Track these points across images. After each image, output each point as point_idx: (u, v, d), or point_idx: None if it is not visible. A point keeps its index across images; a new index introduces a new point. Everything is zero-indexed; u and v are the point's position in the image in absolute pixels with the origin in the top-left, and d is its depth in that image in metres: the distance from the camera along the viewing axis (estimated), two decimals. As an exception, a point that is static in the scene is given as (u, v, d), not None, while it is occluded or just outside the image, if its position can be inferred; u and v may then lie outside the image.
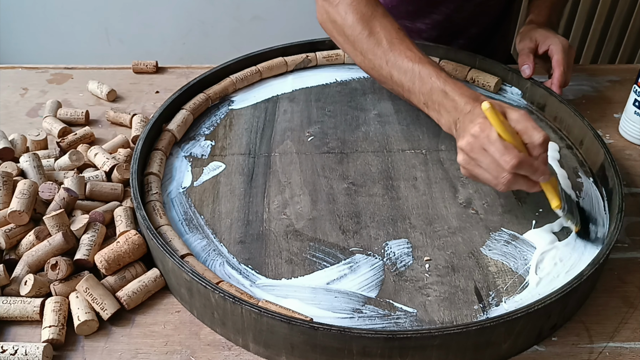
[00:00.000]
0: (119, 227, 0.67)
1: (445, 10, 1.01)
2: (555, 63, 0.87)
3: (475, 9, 1.03)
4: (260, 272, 0.64)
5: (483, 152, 0.63)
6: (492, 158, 0.63)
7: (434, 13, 1.02)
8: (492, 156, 0.62)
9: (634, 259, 0.69)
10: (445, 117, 0.70)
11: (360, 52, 0.78)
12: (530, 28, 0.93)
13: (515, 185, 0.63)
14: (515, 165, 0.61)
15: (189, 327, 0.61)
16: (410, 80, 0.73)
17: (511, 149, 0.61)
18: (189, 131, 0.83)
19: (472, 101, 0.67)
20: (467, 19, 1.03)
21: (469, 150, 0.64)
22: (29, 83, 0.97)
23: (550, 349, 0.60)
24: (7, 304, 0.60)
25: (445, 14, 1.02)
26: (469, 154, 0.65)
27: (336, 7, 0.78)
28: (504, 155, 0.61)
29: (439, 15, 1.02)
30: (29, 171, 0.72)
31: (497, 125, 0.62)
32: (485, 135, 0.62)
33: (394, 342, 0.54)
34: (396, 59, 0.74)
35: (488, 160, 0.63)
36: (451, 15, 1.02)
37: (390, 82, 0.76)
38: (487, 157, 0.63)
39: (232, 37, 1.97)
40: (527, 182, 0.64)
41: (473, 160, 0.65)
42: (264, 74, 0.93)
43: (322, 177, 0.76)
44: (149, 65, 1.00)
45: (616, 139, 0.89)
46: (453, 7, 1.01)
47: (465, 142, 0.65)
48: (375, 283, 0.63)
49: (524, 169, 0.62)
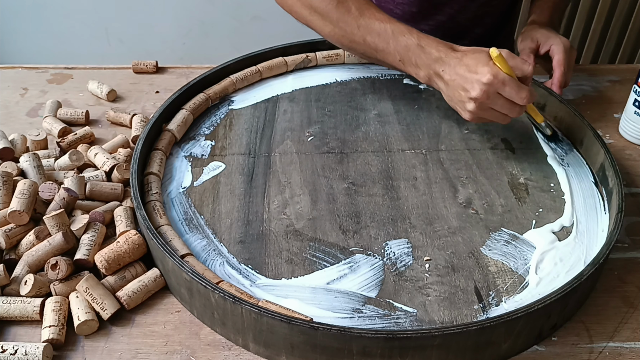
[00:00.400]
0: (119, 227, 0.67)
1: (449, 11, 1.01)
2: (556, 63, 0.87)
3: (478, 10, 1.02)
4: (260, 272, 0.64)
5: (497, 95, 0.70)
6: (505, 99, 0.70)
7: (437, 14, 1.02)
8: (508, 96, 0.70)
9: (634, 259, 0.69)
10: (423, 71, 0.75)
11: (329, 21, 0.81)
12: (532, 28, 0.93)
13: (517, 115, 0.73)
14: (529, 98, 0.70)
15: (189, 327, 0.61)
16: (384, 41, 0.77)
17: (522, 86, 0.70)
18: (189, 131, 0.83)
19: (450, 51, 0.73)
20: (470, 19, 1.03)
21: (485, 98, 0.70)
22: (29, 83, 0.97)
23: (550, 349, 0.60)
24: (7, 304, 0.60)
25: (449, 14, 1.02)
26: (484, 101, 0.70)
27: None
28: (520, 93, 0.69)
29: (442, 17, 1.02)
30: (29, 171, 0.72)
31: (507, 68, 0.70)
32: (500, 79, 0.69)
33: (394, 342, 0.54)
34: (367, 23, 0.78)
35: (502, 101, 0.70)
36: (455, 16, 1.02)
37: (363, 46, 0.80)
38: (501, 99, 0.70)
39: (232, 37, 1.97)
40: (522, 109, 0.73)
41: (487, 104, 0.71)
42: (264, 74, 0.93)
43: (322, 177, 0.76)
44: (149, 65, 1.00)
45: (616, 139, 0.89)
46: (457, 8, 1.01)
47: (479, 91, 0.70)
48: (375, 283, 0.63)
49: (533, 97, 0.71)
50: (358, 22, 0.78)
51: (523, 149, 0.81)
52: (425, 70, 0.75)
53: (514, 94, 0.70)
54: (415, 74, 0.77)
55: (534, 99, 0.72)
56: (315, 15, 0.82)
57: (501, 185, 0.75)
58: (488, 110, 0.72)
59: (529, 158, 0.80)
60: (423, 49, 0.74)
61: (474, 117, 0.73)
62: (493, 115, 0.73)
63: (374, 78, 0.94)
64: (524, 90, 0.70)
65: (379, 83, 0.93)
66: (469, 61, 0.71)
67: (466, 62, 0.71)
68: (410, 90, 0.92)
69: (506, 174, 0.77)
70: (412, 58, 0.75)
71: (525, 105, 0.71)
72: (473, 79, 0.70)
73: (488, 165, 0.78)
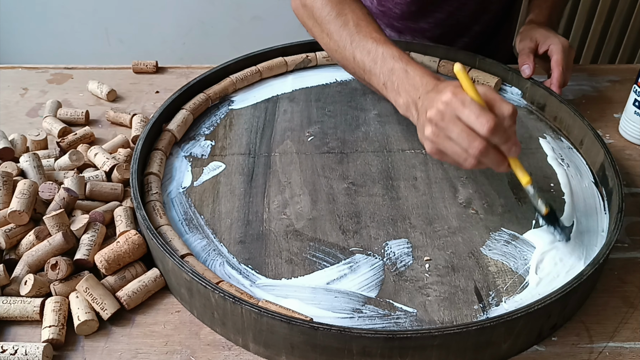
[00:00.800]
0: (119, 227, 0.67)
1: (448, 9, 1.01)
2: (554, 63, 0.87)
3: (477, 7, 1.03)
4: (260, 272, 0.64)
5: (455, 120, 0.59)
6: (464, 126, 0.59)
7: (436, 12, 1.02)
8: (466, 121, 0.58)
9: (634, 259, 0.69)
10: (403, 97, 0.68)
11: (326, 33, 0.78)
12: (531, 28, 0.93)
13: (485, 158, 0.59)
14: (492, 127, 0.57)
15: (189, 327, 0.61)
16: (372, 61, 0.72)
17: (487, 111, 0.58)
18: (189, 131, 0.83)
19: (434, 80, 0.66)
20: (469, 17, 1.03)
21: (439, 120, 0.60)
22: (29, 83, 0.97)
23: (550, 349, 0.60)
24: (7, 304, 0.60)
25: (448, 12, 1.02)
26: (438, 123, 0.60)
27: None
28: (480, 117, 0.57)
29: (441, 14, 1.02)
30: (29, 171, 0.72)
31: (471, 88, 0.60)
32: (459, 99, 0.59)
33: (394, 342, 0.54)
34: (361, 40, 0.74)
35: (459, 128, 0.59)
36: (454, 14, 1.02)
37: (352, 64, 0.76)
38: (459, 126, 0.59)
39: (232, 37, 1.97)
40: (497, 156, 0.60)
41: (443, 130, 0.61)
42: (264, 74, 0.93)
43: (322, 177, 0.76)
44: (149, 65, 1.00)
45: (616, 139, 0.89)
46: (455, 6, 1.01)
47: (435, 110, 0.61)
48: (375, 283, 0.63)
49: (498, 135, 0.58)
50: (352, 37, 0.75)
51: (523, 149, 0.81)
52: (404, 97, 0.68)
53: (473, 118, 0.58)
54: (395, 101, 0.70)
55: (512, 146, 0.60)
56: (316, 26, 0.81)
57: (501, 185, 0.75)
58: (446, 139, 0.61)
59: (529, 158, 0.80)
60: (407, 74, 0.68)
61: (433, 147, 0.63)
62: (452, 149, 0.61)
63: (374, 78, 0.94)
64: (486, 115, 0.57)
65: (379, 83, 0.93)
66: (442, 86, 0.63)
67: (440, 87, 0.63)
68: (410, 90, 0.92)
69: (506, 174, 0.77)
70: (395, 82, 0.70)
71: (486, 134, 0.58)
72: (434, 98, 0.62)
73: (488, 165, 0.78)
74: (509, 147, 0.60)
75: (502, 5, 1.07)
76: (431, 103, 0.62)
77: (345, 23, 0.76)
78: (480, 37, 1.08)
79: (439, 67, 0.94)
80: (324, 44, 0.81)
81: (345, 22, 0.76)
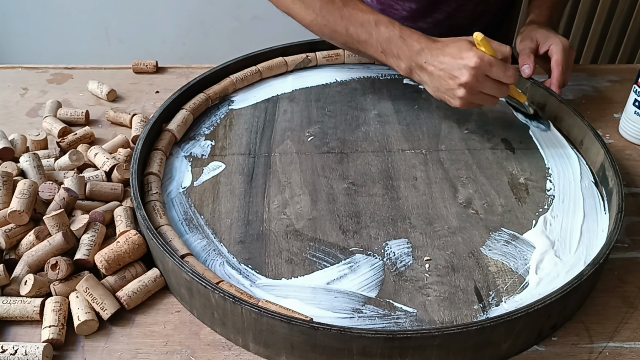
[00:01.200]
0: (119, 227, 0.67)
1: (447, 10, 1.02)
2: (554, 63, 0.87)
3: (476, 8, 1.03)
4: (260, 272, 0.64)
5: (486, 78, 0.72)
6: (493, 81, 0.73)
7: (435, 12, 1.02)
8: (496, 76, 0.72)
9: (634, 259, 0.69)
10: (405, 62, 0.77)
11: (312, 10, 0.81)
12: (531, 28, 0.94)
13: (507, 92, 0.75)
14: (516, 76, 0.73)
15: (189, 327, 0.61)
16: (366, 32, 0.78)
17: (508, 65, 0.72)
18: (189, 131, 0.83)
19: (431, 42, 0.75)
20: (468, 18, 1.03)
21: (474, 81, 0.72)
22: (29, 83, 0.97)
23: (550, 349, 0.60)
24: (7, 304, 0.60)
25: (446, 12, 1.02)
26: (474, 85, 0.72)
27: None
28: (507, 71, 0.72)
29: (440, 15, 1.02)
30: (29, 171, 0.72)
31: (491, 51, 0.72)
32: (487, 61, 0.71)
33: (394, 342, 0.54)
34: (351, 13, 0.79)
35: (490, 83, 0.73)
36: (453, 15, 1.02)
37: (344, 36, 0.81)
38: (489, 81, 0.72)
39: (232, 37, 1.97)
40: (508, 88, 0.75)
41: (477, 88, 0.72)
42: (264, 74, 0.93)
43: (322, 177, 0.76)
44: (149, 65, 1.00)
45: (616, 139, 0.89)
46: (454, 7, 1.01)
47: (468, 76, 0.71)
48: (375, 283, 0.63)
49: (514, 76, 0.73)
50: (341, 12, 0.79)
51: (523, 149, 0.81)
52: (406, 61, 0.77)
53: (502, 74, 0.72)
54: (397, 65, 0.78)
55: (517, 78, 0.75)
56: (297, 3, 0.82)
57: (501, 185, 0.75)
58: (477, 94, 0.73)
59: (529, 158, 0.80)
60: (405, 40, 0.76)
61: (464, 103, 0.74)
62: (482, 99, 0.74)
63: (374, 78, 0.94)
64: (510, 68, 0.72)
65: (379, 83, 0.93)
66: (452, 50, 0.73)
67: (449, 51, 0.73)
68: (410, 90, 0.92)
69: (506, 174, 0.77)
70: (393, 49, 0.77)
71: (513, 82, 0.73)
72: (460, 65, 0.72)
73: (488, 165, 0.78)
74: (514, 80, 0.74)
75: (500, 6, 1.07)
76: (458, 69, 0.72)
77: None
78: None
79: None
80: (309, 19, 0.82)
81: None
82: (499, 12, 1.08)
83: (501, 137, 0.83)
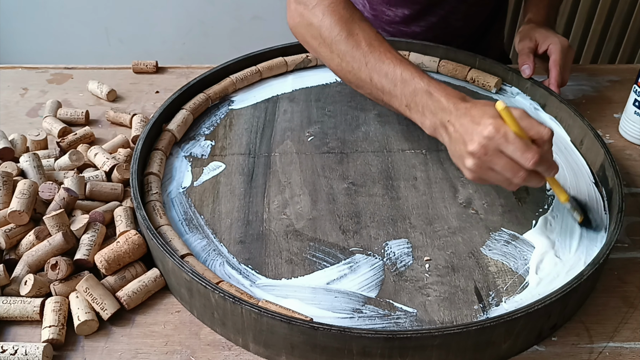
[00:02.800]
0: (119, 227, 0.67)
1: (441, 13, 1.01)
2: (552, 63, 0.87)
3: (469, 10, 1.03)
4: (260, 272, 0.64)
5: (498, 153, 0.61)
6: (507, 159, 0.60)
7: (429, 16, 1.02)
8: (511, 156, 0.60)
9: (634, 259, 0.69)
10: (429, 119, 0.68)
11: (337, 54, 0.74)
12: (530, 28, 0.93)
13: (530, 182, 0.62)
14: (537, 161, 0.59)
15: (189, 327, 0.61)
16: (391, 83, 0.70)
17: (531, 146, 0.60)
18: (189, 131, 0.83)
19: (460, 101, 0.65)
20: (461, 20, 1.03)
21: (482, 154, 0.61)
22: (29, 83, 0.97)
23: (550, 349, 0.60)
24: (7, 304, 0.60)
25: (440, 16, 1.02)
26: (482, 157, 0.61)
27: (312, 10, 0.75)
28: (526, 153, 0.59)
29: (433, 18, 1.02)
30: (29, 171, 0.72)
31: (514, 125, 0.60)
32: (502, 135, 0.60)
33: (394, 342, 0.54)
34: (376, 61, 0.71)
35: (504, 161, 0.61)
36: (446, 17, 1.02)
37: (369, 86, 0.73)
38: (503, 159, 0.61)
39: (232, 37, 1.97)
40: (537, 178, 0.62)
41: (486, 163, 0.62)
42: (264, 74, 0.92)
43: (322, 177, 0.76)
44: (149, 65, 1.00)
45: (616, 139, 0.89)
46: (448, 9, 1.01)
47: (477, 145, 0.61)
48: (375, 283, 0.63)
49: (542, 165, 0.61)
50: (367, 58, 0.72)
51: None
52: (431, 118, 0.67)
53: (518, 154, 0.59)
54: (421, 122, 0.69)
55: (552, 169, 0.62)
56: (323, 47, 0.76)
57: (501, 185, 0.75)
58: (488, 170, 0.62)
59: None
60: (431, 95, 0.67)
61: (475, 176, 0.64)
62: (495, 178, 0.63)
63: (374, 78, 0.94)
64: (531, 150, 0.59)
65: (379, 83, 0.93)
66: (476, 112, 0.63)
67: (473, 113, 0.63)
68: (410, 90, 0.92)
69: (506, 174, 0.77)
70: (419, 104, 0.68)
71: (531, 167, 0.60)
72: (474, 130, 0.62)
73: (488, 165, 0.78)
74: (548, 170, 0.62)
75: (492, 6, 1.07)
76: (470, 135, 0.62)
77: (358, 44, 0.73)
78: (471, 38, 1.08)
79: (438, 67, 0.94)
80: (335, 65, 0.76)
81: (357, 42, 0.73)
82: (491, 13, 1.08)
83: (501, 137, 0.83)
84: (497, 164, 0.61)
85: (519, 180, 0.61)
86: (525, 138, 0.60)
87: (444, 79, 0.94)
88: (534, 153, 0.59)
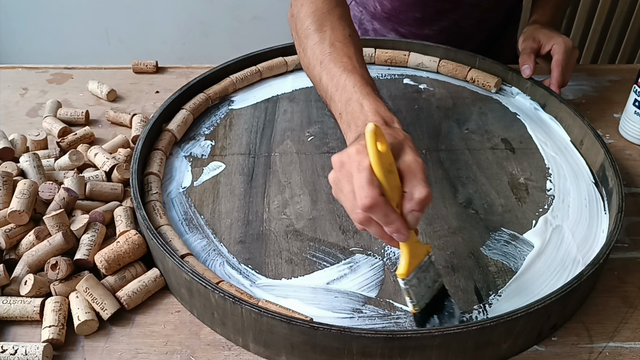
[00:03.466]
0: (119, 227, 0.67)
1: (453, 17, 1.01)
2: (555, 63, 0.87)
3: (482, 15, 1.02)
4: (260, 272, 0.64)
5: (349, 177, 0.52)
6: (352, 188, 0.52)
7: (441, 20, 1.01)
8: (354, 186, 0.51)
9: (634, 259, 0.69)
10: (353, 133, 0.59)
11: (302, 48, 0.72)
12: (534, 28, 0.93)
13: (369, 228, 0.53)
14: (366, 205, 0.50)
15: (189, 327, 0.61)
16: (334, 87, 0.64)
17: (373, 186, 0.50)
18: (189, 131, 0.83)
19: (381, 122, 0.58)
20: (474, 25, 1.03)
21: (337, 169, 0.54)
22: (29, 83, 0.97)
23: (550, 349, 0.60)
24: (7, 304, 0.60)
25: (452, 20, 1.01)
26: (336, 172, 0.54)
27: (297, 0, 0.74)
28: (362, 190, 0.50)
29: (446, 22, 1.01)
30: (29, 171, 0.72)
31: (372, 155, 0.50)
32: (357, 160, 0.51)
33: (394, 342, 0.54)
34: (329, 62, 0.66)
35: (348, 188, 0.52)
36: (458, 22, 1.01)
37: (318, 85, 0.69)
38: (349, 185, 0.52)
39: (232, 37, 1.97)
40: (380, 231, 0.53)
41: (337, 182, 0.54)
42: (264, 74, 0.93)
43: (322, 177, 0.76)
44: (149, 65, 1.00)
45: (616, 139, 0.89)
46: (460, 14, 1.00)
47: (338, 158, 0.54)
48: (375, 283, 0.63)
49: (377, 215, 0.51)
50: (323, 58, 0.67)
51: (523, 149, 0.81)
52: (353, 133, 0.59)
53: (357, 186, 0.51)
54: (345, 134, 0.62)
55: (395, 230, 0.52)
56: (297, 37, 0.74)
57: (501, 185, 0.75)
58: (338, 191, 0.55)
59: (529, 158, 0.80)
60: (362, 108, 0.59)
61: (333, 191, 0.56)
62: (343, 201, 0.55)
63: (374, 78, 0.94)
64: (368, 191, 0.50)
65: (379, 83, 0.93)
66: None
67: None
68: (410, 90, 0.92)
69: (506, 174, 0.77)
70: (349, 114, 0.61)
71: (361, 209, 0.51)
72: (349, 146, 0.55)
73: (488, 165, 0.78)
74: (390, 231, 0.52)
75: (505, 12, 1.07)
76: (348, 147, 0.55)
77: (322, 40, 0.69)
78: (484, 43, 1.07)
79: (439, 67, 0.94)
80: (300, 57, 0.73)
81: (322, 39, 0.69)
82: (504, 17, 1.08)
83: (501, 137, 0.83)
84: (344, 187, 0.53)
85: (355, 217, 0.53)
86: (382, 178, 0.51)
87: (444, 79, 0.94)
88: (367, 194, 0.50)
